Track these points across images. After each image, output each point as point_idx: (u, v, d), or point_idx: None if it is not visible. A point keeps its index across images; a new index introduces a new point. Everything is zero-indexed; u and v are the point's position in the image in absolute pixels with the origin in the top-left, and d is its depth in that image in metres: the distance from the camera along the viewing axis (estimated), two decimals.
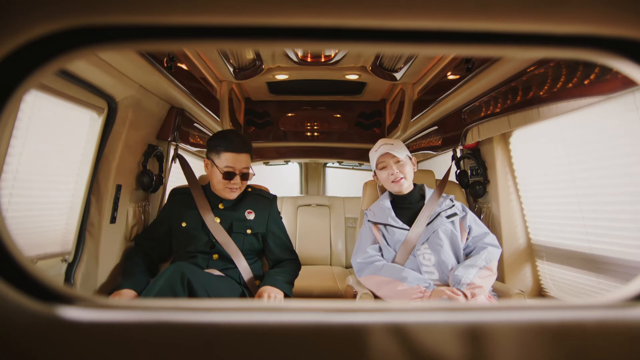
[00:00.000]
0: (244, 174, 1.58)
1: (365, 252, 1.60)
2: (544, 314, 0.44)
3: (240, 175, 1.57)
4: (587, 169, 1.34)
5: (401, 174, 1.63)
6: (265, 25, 0.43)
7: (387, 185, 1.68)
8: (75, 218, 1.41)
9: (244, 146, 1.56)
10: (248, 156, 1.58)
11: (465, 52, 0.74)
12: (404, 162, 1.64)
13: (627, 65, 0.45)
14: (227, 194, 1.59)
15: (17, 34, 0.40)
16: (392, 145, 1.64)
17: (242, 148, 1.55)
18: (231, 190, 1.58)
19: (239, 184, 1.57)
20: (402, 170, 1.63)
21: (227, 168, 1.54)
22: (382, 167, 1.66)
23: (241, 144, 1.55)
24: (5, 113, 0.43)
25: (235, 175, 1.55)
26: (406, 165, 1.65)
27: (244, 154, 1.56)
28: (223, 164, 1.54)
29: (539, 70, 1.23)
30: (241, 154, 1.55)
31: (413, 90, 2.16)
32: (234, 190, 1.58)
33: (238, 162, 1.55)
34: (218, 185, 1.58)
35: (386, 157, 1.64)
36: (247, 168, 1.59)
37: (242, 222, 1.60)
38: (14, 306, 0.41)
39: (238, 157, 1.54)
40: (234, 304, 0.44)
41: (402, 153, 1.64)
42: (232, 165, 1.54)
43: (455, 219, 1.60)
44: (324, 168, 3.60)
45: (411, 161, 1.68)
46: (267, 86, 2.42)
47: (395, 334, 0.43)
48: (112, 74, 1.24)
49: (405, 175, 1.64)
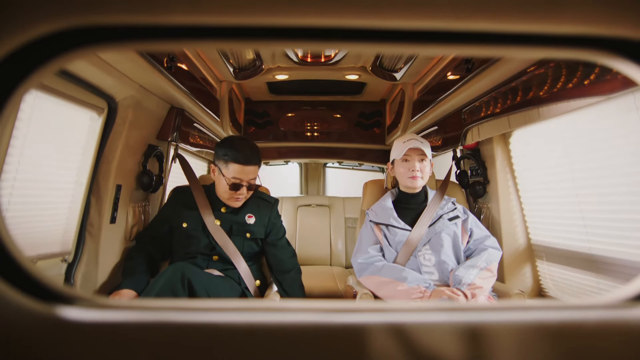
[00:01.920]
0: (250, 185, 1.55)
1: (366, 252, 1.60)
2: (544, 314, 0.44)
3: (247, 187, 1.54)
4: (587, 169, 1.35)
5: (421, 172, 1.63)
6: (265, 25, 0.43)
7: (402, 178, 1.66)
8: (75, 218, 1.41)
9: (254, 158, 1.52)
10: (256, 168, 1.54)
11: (465, 52, 0.74)
12: (426, 162, 1.64)
13: (627, 65, 0.45)
14: (232, 202, 1.57)
15: (17, 34, 0.40)
16: (422, 143, 1.64)
17: (252, 160, 1.51)
18: (236, 200, 1.56)
19: (244, 194, 1.55)
20: (423, 168, 1.63)
21: (234, 179, 1.50)
22: (405, 159, 1.63)
23: (251, 156, 1.51)
24: (5, 113, 0.43)
25: (242, 187, 1.52)
26: (427, 166, 1.65)
27: (252, 166, 1.52)
28: (230, 175, 1.50)
29: (539, 70, 1.23)
30: (250, 166, 1.51)
31: (413, 91, 2.16)
32: (239, 200, 1.56)
33: (246, 174, 1.51)
34: (224, 194, 1.55)
35: (414, 152, 1.62)
36: (255, 179, 1.56)
37: (242, 225, 1.59)
38: (14, 306, 0.41)
39: (246, 169, 1.50)
40: (234, 304, 0.44)
41: (429, 152, 1.63)
42: (240, 177, 1.50)
43: (458, 221, 1.61)
44: (324, 168, 3.60)
45: (430, 163, 1.67)
46: (267, 86, 2.42)
47: (395, 334, 0.43)
48: (112, 74, 1.24)
49: (424, 174, 1.64)
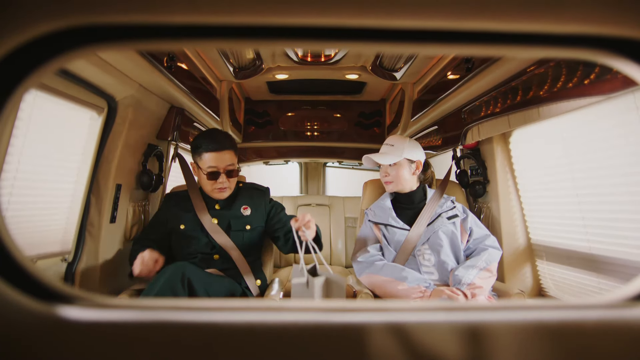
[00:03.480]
0: (229, 171, 1.53)
1: (366, 252, 1.60)
2: (544, 314, 0.44)
3: (226, 174, 1.52)
4: (587, 169, 1.35)
5: (391, 177, 1.64)
6: (265, 25, 0.43)
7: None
8: (75, 217, 1.41)
9: (225, 143, 1.51)
10: (231, 153, 1.53)
11: (465, 52, 0.74)
12: (399, 166, 1.63)
13: (627, 65, 0.45)
14: (216, 194, 1.56)
15: (17, 33, 0.40)
16: (390, 147, 1.65)
17: (223, 145, 1.50)
18: (220, 191, 1.54)
19: (225, 182, 1.53)
20: (392, 172, 1.64)
21: (210, 168, 1.50)
22: (378, 165, 1.68)
23: (221, 142, 1.51)
24: (5, 112, 0.43)
25: (219, 174, 1.51)
26: (401, 168, 1.63)
27: (226, 151, 1.51)
28: (206, 165, 1.50)
29: (539, 70, 1.23)
30: (222, 151, 1.50)
31: (413, 90, 2.16)
32: (223, 190, 1.55)
33: (221, 161, 1.50)
34: (206, 187, 1.55)
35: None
36: (232, 165, 1.54)
37: (240, 219, 1.59)
38: (14, 306, 0.41)
39: (220, 156, 1.50)
40: (234, 304, 0.44)
41: (392, 158, 1.62)
42: (215, 164, 1.50)
43: (457, 220, 1.60)
44: (324, 168, 3.60)
45: (412, 164, 1.65)
46: (267, 86, 2.42)
47: (395, 333, 0.43)
48: (112, 74, 1.24)
49: (396, 178, 1.63)
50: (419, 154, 1.66)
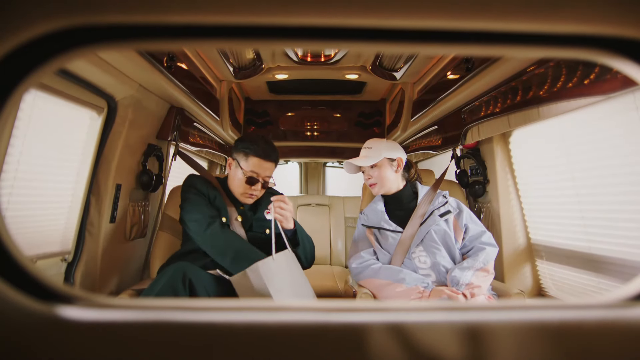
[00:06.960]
0: (265, 182, 1.55)
1: (359, 257, 1.59)
2: (544, 314, 0.44)
3: (262, 183, 1.54)
4: (587, 169, 1.35)
5: (374, 179, 1.65)
6: (265, 24, 0.43)
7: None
8: (75, 217, 1.41)
9: (273, 155, 1.54)
10: (274, 165, 1.56)
11: (465, 52, 0.74)
12: (378, 167, 1.64)
13: (627, 65, 0.45)
14: (244, 198, 1.56)
15: (17, 33, 0.40)
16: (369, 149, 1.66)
17: (271, 156, 1.53)
18: (249, 197, 1.55)
19: (259, 191, 1.55)
20: (375, 174, 1.64)
21: (251, 173, 1.51)
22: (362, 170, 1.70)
23: (271, 152, 1.53)
24: (5, 112, 0.43)
25: (258, 182, 1.53)
26: (382, 169, 1.64)
27: (272, 163, 1.54)
28: (249, 168, 1.51)
29: (539, 70, 1.23)
30: (270, 162, 1.53)
31: (413, 90, 2.16)
32: (252, 197, 1.56)
33: (263, 170, 1.52)
34: (238, 189, 1.55)
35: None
36: (269, 177, 1.56)
37: (262, 222, 1.58)
38: (14, 306, 0.41)
39: (265, 165, 1.52)
40: (234, 304, 0.44)
41: (372, 160, 1.63)
42: (258, 171, 1.51)
43: (449, 217, 1.57)
44: (324, 168, 3.60)
45: (393, 162, 1.65)
46: (267, 86, 2.42)
47: (395, 333, 0.43)
48: (111, 74, 1.24)
49: (379, 179, 1.64)
50: (399, 152, 1.67)
